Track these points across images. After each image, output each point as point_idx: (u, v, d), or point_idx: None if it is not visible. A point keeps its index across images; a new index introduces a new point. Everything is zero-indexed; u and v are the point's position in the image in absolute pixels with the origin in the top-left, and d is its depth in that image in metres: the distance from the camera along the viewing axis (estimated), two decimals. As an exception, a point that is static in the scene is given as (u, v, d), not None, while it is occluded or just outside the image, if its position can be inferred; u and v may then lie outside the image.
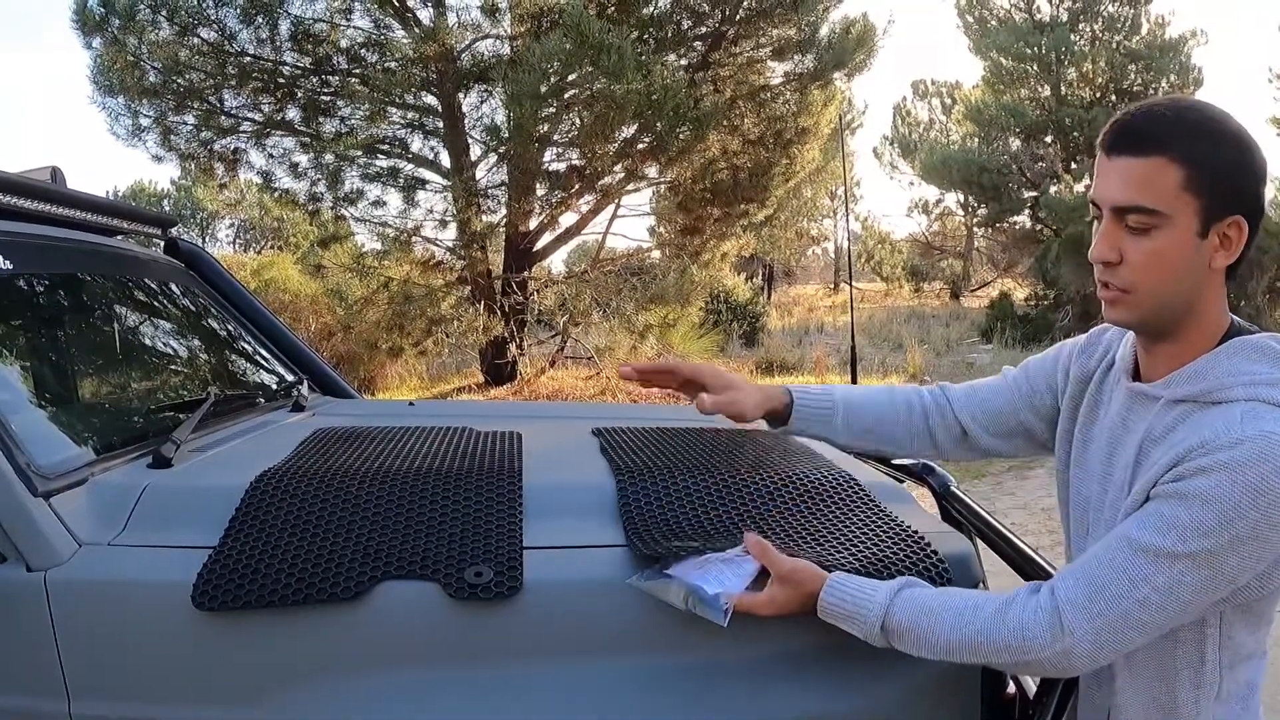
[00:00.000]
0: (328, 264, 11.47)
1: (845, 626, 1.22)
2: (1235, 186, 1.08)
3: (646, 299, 11.67)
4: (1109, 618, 1.07)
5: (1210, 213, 1.08)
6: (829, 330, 20.05)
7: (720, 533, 1.42)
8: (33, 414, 1.63)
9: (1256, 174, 1.09)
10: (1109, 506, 1.21)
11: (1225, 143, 1.09)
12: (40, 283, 1.89)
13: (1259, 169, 1.09)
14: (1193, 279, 1.11)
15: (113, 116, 9.88)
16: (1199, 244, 1.09)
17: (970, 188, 23.42)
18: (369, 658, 1.27)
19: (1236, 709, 1.16)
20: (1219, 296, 1.14)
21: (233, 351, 2.60)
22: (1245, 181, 1.09)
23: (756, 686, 1.29)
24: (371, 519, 1.40)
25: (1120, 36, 21.76)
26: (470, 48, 9.95)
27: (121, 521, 1.41)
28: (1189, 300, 1.12)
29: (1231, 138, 1.09)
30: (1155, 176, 1.08)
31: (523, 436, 1.88)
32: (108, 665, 1.29)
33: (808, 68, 10.94)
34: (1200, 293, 1.12)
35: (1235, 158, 1.08)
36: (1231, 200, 1.08)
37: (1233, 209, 1.08)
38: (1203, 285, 1.12)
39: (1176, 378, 1.14)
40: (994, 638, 1.13)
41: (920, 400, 1.57)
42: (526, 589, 1.28)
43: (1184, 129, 1.08)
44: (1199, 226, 1.08)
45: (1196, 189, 1.07)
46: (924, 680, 1.34)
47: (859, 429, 1.58)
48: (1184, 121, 1.09)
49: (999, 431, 1.50)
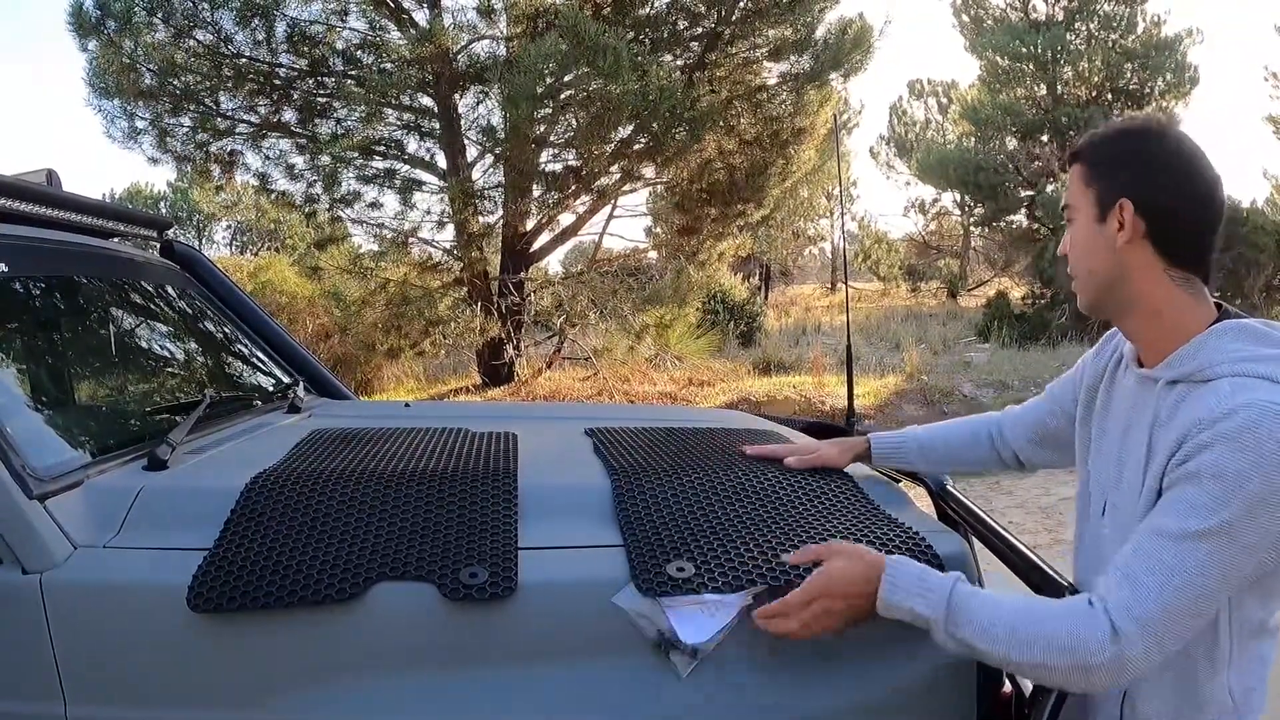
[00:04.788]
0: (325, 266, 11.44)
1: (910, 602, 1.21)
2: (1122, 174, 1.23)
3: (643, 299, 11.68)
4: (1153, 612, 1.09)
5: (1103, 199, 1.24)
6: (826, 330, 20.05)
7: (714, 533, 1.42)
8: (28, 417, 1.63)
9: (1151, 164, 1.21)
10: (1125, 487, 1.26)
11: (1124, 139, 1.25)
12: (35, 285, 1.89)
13: (1159, 160, 1.21)
14: (1107, 259, 1.25)
15: (109, 119, 9.87)
16: (1099, 227, 1.25)
17: (967, 187, 23.43)
18: (364, 659, 1.27)
19: (1251, 680, 1.21)
20: (1159, 280, 1.23)
21: (228, 354, 2.59)
22: (1134, 169, 1.22)
23: (752, 687, 1.29)
24: (366, 520, 1.40)
25: (1116, 35, 21.77)
26: (466, 49, 9.94)
27: (117, 524, 1.41)
28: (1117, 278, 1.25)
29: (1134, 135, 1.25)
30: (1073, 179, 1.29)
31: (518, 437, 1.88)
32: (104, 668, 1.29)
33: (804, 68, 10.93)
34: (1128, 274, 1.24)
35: (1127, 149, 1.23)
36: (1118, 186, 1.22)
37: (1119, 194, 1.22)
38: (1127, 266, 1.24)
39: (1172, 359, 1.22)
40: (1053, 639, 1.12)
41: (987, 427, 1.74)
42: (522, 589, 1.28)
43: (1097, 138, 1.28)
44: (1097, 213, 1.25)
45: (1091, 180, 1.26)
46: (919, 680, 1.34)
47: (935, 460, 1.78)
48: (1100, 132, 1.29)
49: (1043, 443, 1.63)
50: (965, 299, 27.31)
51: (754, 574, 1.32)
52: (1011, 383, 10.40)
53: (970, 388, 10.67)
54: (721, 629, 1.27)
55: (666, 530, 1.42)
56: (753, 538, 1.41)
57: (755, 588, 1.30)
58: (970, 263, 31.24)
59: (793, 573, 1.31)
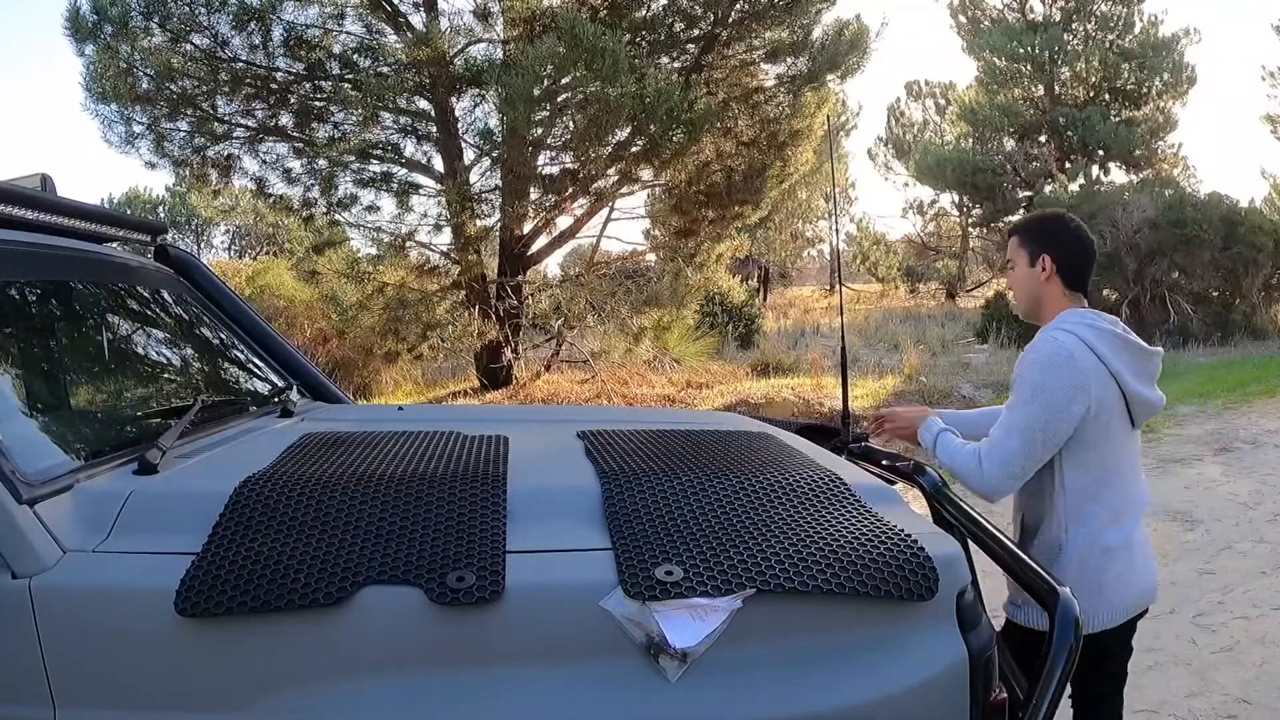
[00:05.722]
0: (322, 270, 11.44)
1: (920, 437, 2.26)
2: (1043, 241, 2.14)
3: (641, 302, 11.67)
4: (997, 456, 2.01)
5: (1033, 255, 2.14)
6: (825, 331, 20.06)
7: (704, 537, 1.41)
8: (18, 421, 1.63)
9: (1058, 234, 2.14)
10: None
11: (1046, 222, 2.19)
12: (28, 290, 1.89)
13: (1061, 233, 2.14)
14: (1036, 288, 2.15)
15: (106, 123, 9.87)
16: (1031, 271, 2.14)
17: (965, 188, 23.46)
18: (351, 662, 1.27)
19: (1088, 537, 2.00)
20: (1058, 296, 2.12)
21: (222, 358, 2.59)
22: (1049, 238, 2.14)
23: (743, 690, 1.29)
24: (354, 524, 1.39)
25: (1113, 35, 21.81)
26: (463, 52, 9.94)
27: (106, 528, 1.40)
28: (1040, 297, 2.15)
29: (1047, 220, 2.19)
30: (1014, 244, 2.20)
31: (509, 440, 1.88)
32: (93, 672, 1.28)
33: (801, 70, 10.95)
34: (1046, 295, 2.14)
35: (1043, 229, 2.17)
36: (1042, 247, 2.13)
37: (1043, 251, 2.12)
38: (1046, 291, 2.14)
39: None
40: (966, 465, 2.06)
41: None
42: (508, 593, 1.28)
43: (1031, 222, 2.24)
44: (1028, 262, 2.15)
45: (1025, 244, 2.16)
46: (912, 684, 1.34)
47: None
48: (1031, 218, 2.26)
49: None
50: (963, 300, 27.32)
51: (743, 578, 1.31)
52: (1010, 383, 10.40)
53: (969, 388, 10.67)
54: (711, 633, 1.27)
55: (656, 534, 1.42)
56: (742, 541, 1.41)
57: (744, 591, 1.30)
58: (968, 264, 31.25)
59: (781, 576, 1.32)
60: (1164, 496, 6.12)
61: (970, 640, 1.40)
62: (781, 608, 1.32)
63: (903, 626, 1.38)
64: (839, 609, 1.35)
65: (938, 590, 1.37)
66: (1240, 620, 3.99)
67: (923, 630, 1.39)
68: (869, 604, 1.35)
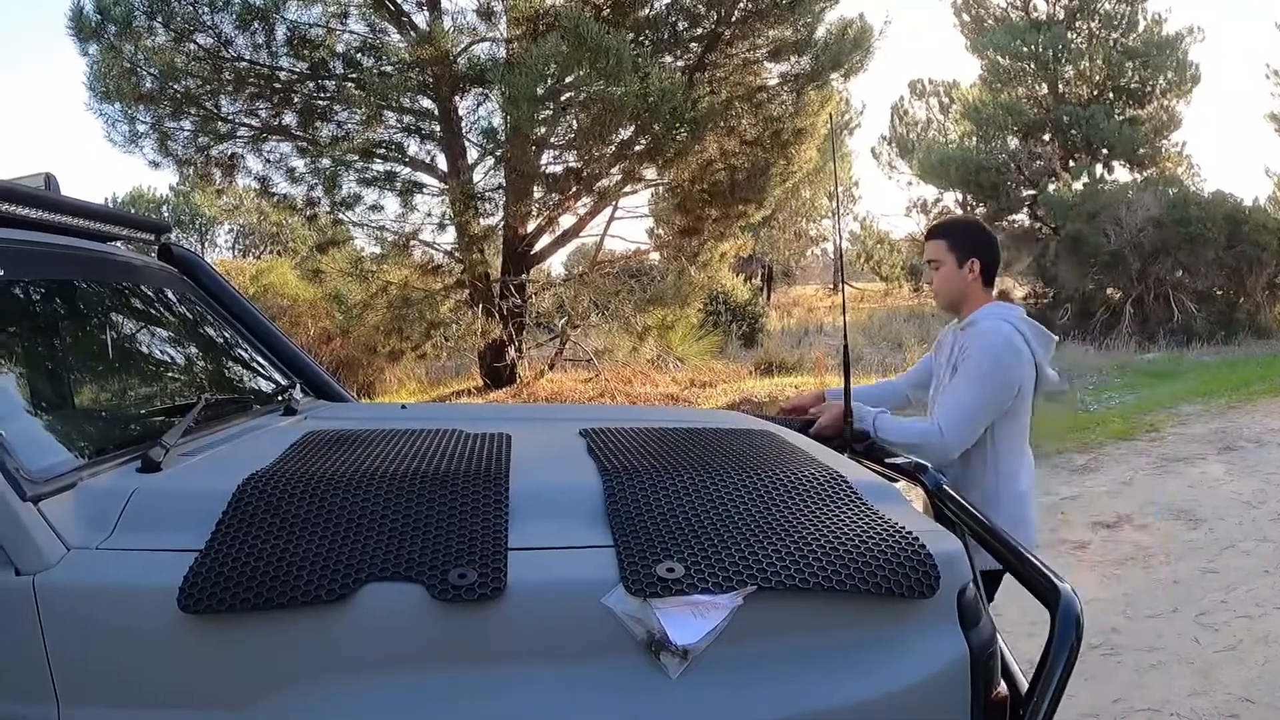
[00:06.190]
0: (326, 269, 11.45)
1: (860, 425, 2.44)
2: (973, 248, 2.55)
3: (645, 300, 11.68)
4: (953, 420, 2.38)
5: (960, 258, 2.55)
6: (828, 330, 20.05)
7: (705, 534, 1.42)
8: (23, 418, 1.63)
9: (985, 242, 2.57)
10: (943, 372, 2.59)
11: (967, 231, 2.62)
12: (32, 289, 1.89)
13: (987, 241, 2.58)
14: (961, 286, 2.56)
15: (110, 123, 9.89)
16: (959, 271, 2.55)
17: (968, 187, 23.38)
18: (354, 659, 1.27)
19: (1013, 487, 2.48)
20: (979, 292, 2.55)
21: (226, 356, 2.60)
22: (977, 246, 2.56)
23: (743, 689, 1.29)
24: (357, 521, 1.40)
25: (1117, 34, 21.74)
26: (466, 51, 9.94)
27: (110, 525, 1.41)
28: (963, 293, 2.56)
29: (972, 229, 2.63)
30: (940, 245, 2.58)
31: (511, 438, 1.88)
32: (96, 669, 1.29)
33: (804, 69, 10.94)
34: (968, 291, 2.55)
35: (971, 238, 2.57)
36: (971, 252, 2.54)
37: (970, 255, 2.54)
38: (969, 288, 2.55)
39: (970, 318, 2.53)
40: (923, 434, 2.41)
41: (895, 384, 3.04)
42: (510, 590, 1.28)
43: (949, 228, 2.63)
44: (956, 264, 2.55)
45: (952, 248, 2.56)
46: (912, 682, 1.34)
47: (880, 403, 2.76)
48: (953, 221, 2.75)
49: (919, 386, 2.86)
50: (967, 299, 27.21)
51: (744, 575, 1.32)
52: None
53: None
54: (712, 630, 1.27)
55: (657, 531, 1.42)
56: (744, 538, 1.41)
57: (746, 588, 1.30)
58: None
59: (783, 573, 1.32)
60: (1167, 495, 6.12)
61: (971, 638, 1.40)
62: (783, 605, 1.32)
63: (904, 624, 1.38)
64: (840, 606, 1.35)
65: (939, 588, 1.37)
66: (1243, 619, 3.98)
67: (924, 628, 1.38)
68: (870, 601, 1.35)
